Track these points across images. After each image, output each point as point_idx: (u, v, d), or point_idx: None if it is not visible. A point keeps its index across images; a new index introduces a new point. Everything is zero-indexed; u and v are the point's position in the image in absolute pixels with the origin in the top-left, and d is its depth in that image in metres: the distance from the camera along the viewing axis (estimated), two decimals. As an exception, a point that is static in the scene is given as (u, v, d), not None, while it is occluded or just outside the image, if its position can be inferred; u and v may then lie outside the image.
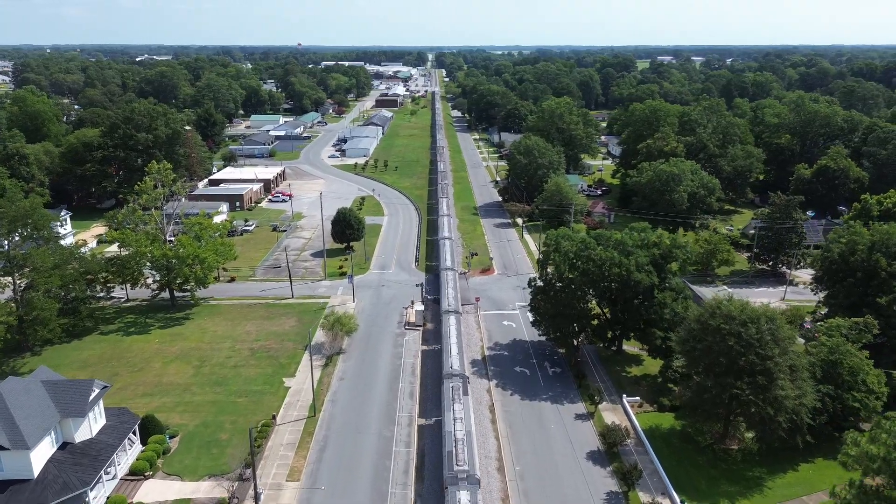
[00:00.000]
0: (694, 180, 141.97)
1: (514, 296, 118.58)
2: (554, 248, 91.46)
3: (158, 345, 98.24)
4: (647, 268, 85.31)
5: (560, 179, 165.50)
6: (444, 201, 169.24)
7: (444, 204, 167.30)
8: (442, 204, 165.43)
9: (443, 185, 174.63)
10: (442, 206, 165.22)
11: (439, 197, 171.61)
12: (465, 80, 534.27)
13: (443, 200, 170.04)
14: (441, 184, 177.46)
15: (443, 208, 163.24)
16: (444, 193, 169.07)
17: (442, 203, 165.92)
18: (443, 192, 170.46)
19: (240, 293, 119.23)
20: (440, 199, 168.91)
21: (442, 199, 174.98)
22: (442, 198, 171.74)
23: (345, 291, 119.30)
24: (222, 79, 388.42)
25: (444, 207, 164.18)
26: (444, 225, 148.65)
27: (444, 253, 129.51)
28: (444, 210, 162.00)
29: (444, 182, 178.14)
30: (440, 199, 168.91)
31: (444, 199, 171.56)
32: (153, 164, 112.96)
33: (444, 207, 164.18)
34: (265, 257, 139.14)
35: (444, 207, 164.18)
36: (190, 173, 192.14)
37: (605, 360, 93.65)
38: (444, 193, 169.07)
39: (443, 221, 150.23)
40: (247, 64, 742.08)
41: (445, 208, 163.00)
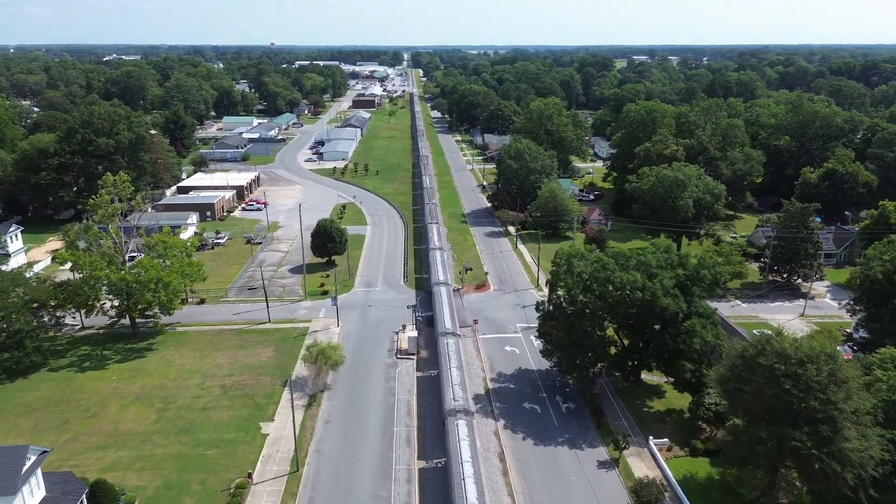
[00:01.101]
0: (699, 186, 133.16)
1: (514, 316, 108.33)
2: (565, 268, 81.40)
3: (116, 383, 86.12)
4: (674, 291, 75.66)
5: (555, 185, 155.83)
6: (431, 208, 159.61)
7: (431, 211, 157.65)
8: (429, 211, 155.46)
9: (430, 206, 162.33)
10: (429, 214, 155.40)
11: (425, 203, 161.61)
12: (443, 80, 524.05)
13: (429, 207, 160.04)
14: (428, 203, 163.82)
15: (430, 216, 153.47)
16: (430, 198, 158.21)
17: (429, 210, 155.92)
18: (429, 198, 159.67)
19: (210, 317, 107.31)
20: (426, 205, 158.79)
21: (429, 204, 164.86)
22: (429, 203, 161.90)
23: (328, 313, 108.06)
24: (192, 79, 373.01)
25: (431, 215, 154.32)
26: (433, 234, 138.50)
27: (435, 265, 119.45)
28: (431, 217, 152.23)
29: (431, 202, 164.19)
30: (426, 205, 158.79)
31: (431, 205, 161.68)
32: (108, 175, 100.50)
33: (431, 215, 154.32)
34: (239, 274, 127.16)
35: (431, 215, 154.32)
36: (156, 180, 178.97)
37: (624, 393, 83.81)
38: (430, 198, 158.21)
39: (431, 230, 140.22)
40: (218, 64, 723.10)
41: (433, 216, 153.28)
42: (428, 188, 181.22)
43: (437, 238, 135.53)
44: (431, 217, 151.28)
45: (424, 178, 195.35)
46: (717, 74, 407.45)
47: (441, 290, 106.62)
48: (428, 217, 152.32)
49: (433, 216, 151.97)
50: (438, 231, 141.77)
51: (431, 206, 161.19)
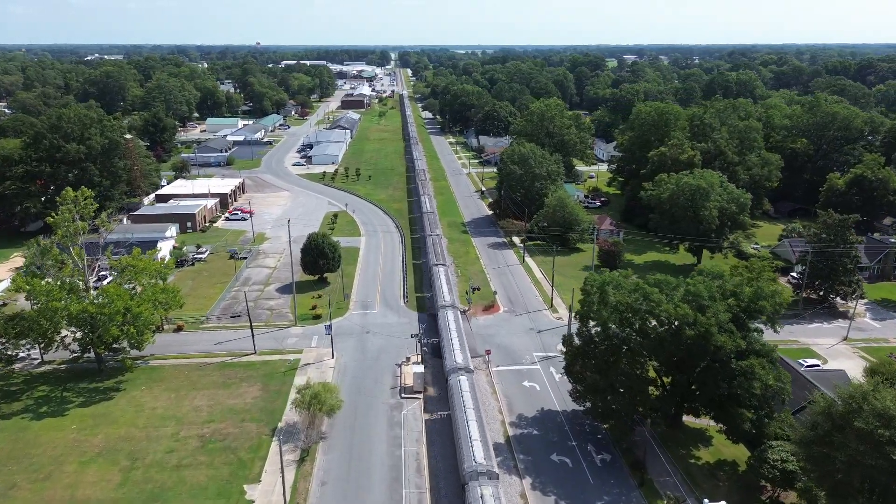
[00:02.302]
0: (722, 195, 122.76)
1: (529, 343, 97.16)
2: (598, 298, 70.40)
3: (76, 434, 74.02)
4: (729, 326, 64.84)
5: (563, 193, 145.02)
6: (426, 199, 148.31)
7: (426, 202, 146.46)
8: (427, 221, 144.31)
9: (429, 216, 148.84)
10: (428, 224, 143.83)
11: (427, 233, 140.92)
12: (434, 80, 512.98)
13: (428, 216, 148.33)
14: (428, 217, 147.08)
15: (429, 226, 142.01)
16: (432, 229, 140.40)
17: (427, 220, 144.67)
18: (431, 228, 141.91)
19: (188, 348, 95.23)
20: (424, 214, 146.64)
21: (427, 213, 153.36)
22: (428, 219, 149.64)
23: (321, 342, 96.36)
24: (174, 79, 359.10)
25: (430, 225, 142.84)
26: (433, 247, 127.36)
27: (439, 283, 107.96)
28: (430, 229, 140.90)
29: (434, 233, 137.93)
30: (424, 214, 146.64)
31: (431, 219, 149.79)
32: (68, 191, 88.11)
33: (430, 225, 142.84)
34: (221, 295, 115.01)
35: (430, 225, 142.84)
36: (132, 188, 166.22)
37: (665, 440, 72.89)
38: (432, 229, 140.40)
39: (432, 243, 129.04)
40: (203, 63, 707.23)
41: (432, 226, 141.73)
42: (429, 213, 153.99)
43: (440, 252, 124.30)
44: (431, 228, 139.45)
45: (424, 201, 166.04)
46: (715, 74, 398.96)
47: (448, 315, 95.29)
48: (427, 228, 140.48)
49: (433, 227, 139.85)
50: (440, 244, 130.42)
51: (430, 216, 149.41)
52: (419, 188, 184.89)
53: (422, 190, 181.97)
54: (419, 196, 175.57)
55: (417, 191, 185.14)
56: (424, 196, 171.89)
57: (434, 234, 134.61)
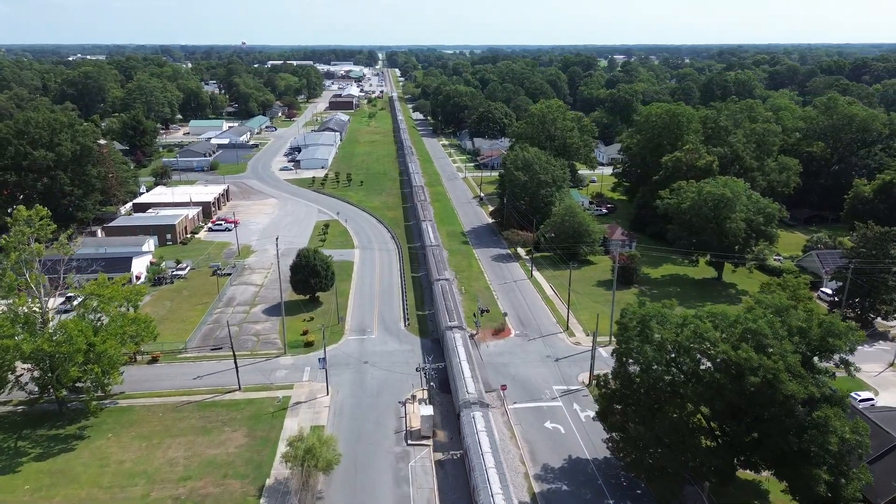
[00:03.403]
0: (748, 205, 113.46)
1: (546, 374, 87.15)
2: (637, 334, 60.57)
3: (30, 496, 63.12)
4: (799, 370, 55.14)
5: (572, 201, 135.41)
6: (428, 226, 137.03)
7: (430, 231, 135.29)
8: (433, 257, 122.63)
9: (436, 257, 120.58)
10: (428, 234, 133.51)
11: (426, 243, 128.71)
12: (424, 80, 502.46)
13: (433, 252, 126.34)
14: (434, 264, 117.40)
15: (429, 237, 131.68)
16: (438, 269, 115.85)
17: (432, 256, 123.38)
18: (437, 265, 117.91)
19: (164, 383, 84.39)
20: (428, 248, 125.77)
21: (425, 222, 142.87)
22: (425, 221, 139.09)
23: (314, 375, 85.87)
24: (156, 80, 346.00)
25: (429, 235, 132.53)
26: (433, 259, 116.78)
27: (442, 302, 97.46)
28: (431, 239, 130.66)
29: (437, 261, 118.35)
30: (428, 248, 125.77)
31: (428, 223, 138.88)
32: (20, 209, 77.03)
33: (429, 235, 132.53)
34: (202, 318, 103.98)
35: (429, 235, 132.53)
36: (107, 197, 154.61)
37: (714, 494, 63.03)
38: (438, 269, 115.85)
39: (441, 290, 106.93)
40: (187, 63, 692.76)
41: (432, 236, 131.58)
42: (433, 246, 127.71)
43: (442, 266, 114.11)
44: (439, 269, 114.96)
45: (425, 228, 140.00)
46: (713, 74, 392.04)
47: (456, 338, 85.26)
48: (434, 267, 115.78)
49: (440, 266, 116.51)
50: (440, 257, 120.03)
51: (436, 251, 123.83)
52: (418, 210, 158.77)
53: (422, 213, 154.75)
54: (419, 220, 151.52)
55: (416, 212, 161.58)
56: (426, 223, 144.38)
57: (443, 277, 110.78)
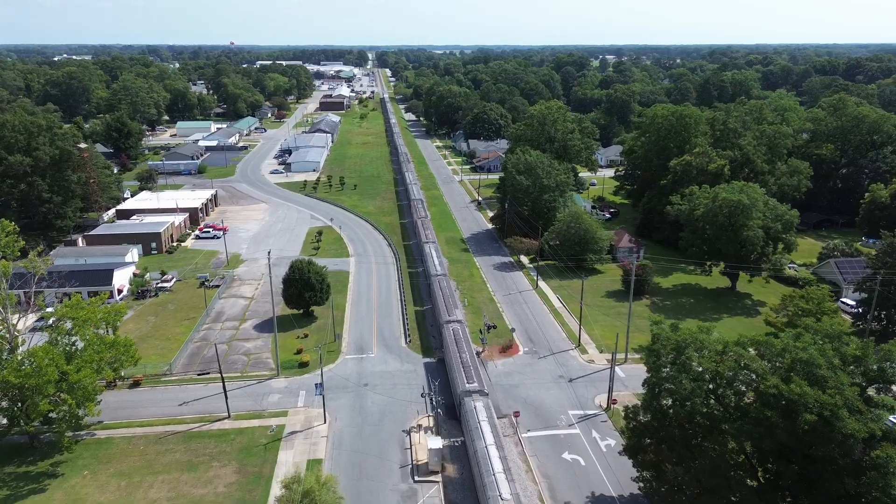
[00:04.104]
0: (765, 212, 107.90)
1: (561, 397, 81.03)
2: (672, 359, 54.63)
3: (-9, 548, 56.44)
4: (858, 405, 49.32)
5: (578, 207, 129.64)
6: (432, 250, 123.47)
7: (434, 256, 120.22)
8: (431, 256, 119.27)
9: (444, 292, 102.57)
10: (432, 260, 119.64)
11: (431, 272, 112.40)
12: (416, 81, 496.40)
13: (430, 248, 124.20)
14: (444, 304, 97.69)
15: (433, 263, 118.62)
16: (436, 265, 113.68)
17: (430, 254, 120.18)
18: (435, 264, 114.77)
19: (146, 410, 77.57)
20: (434, 279, 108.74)
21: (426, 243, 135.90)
22: (428, 244, 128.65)
23: (309, 400, 79.38)
24: (142, 80, 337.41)
25: (434, 261, 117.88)
26: (441, 294, 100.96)
27: (457, 358, 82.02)
28: (436, 266, 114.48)
29: (447, 299, 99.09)
30: (434, 279, 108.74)
31: (430, 246, 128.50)
32: (-17, 224, 70.14)
33: (434, 261, 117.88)
34: (189, 336, 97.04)
35: (434, 261, 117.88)
36: (88, 204, 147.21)
37: (756, 540, 57.17)
38: (436, 265, 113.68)
39: (439, 288, 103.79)
40: (174, 63, 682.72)
41: (437, 262, 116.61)
42: (439, 276, 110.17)
43: (445, 287, 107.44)
44: (449, 309, 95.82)
45: (428, 252, 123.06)
46: (709, 74, 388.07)
47: (461, 360, 78.79)
48: (443, 308, 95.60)
49: (450, 306, 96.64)
50: (449, 290, 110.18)
51: (443, 283, 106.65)
52: (418, 229, 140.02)
53: (423, 232, 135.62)
54: (419, 241, 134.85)
55: (415, 229, 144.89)
56: (429, 245, 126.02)
57: (454, 318, 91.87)
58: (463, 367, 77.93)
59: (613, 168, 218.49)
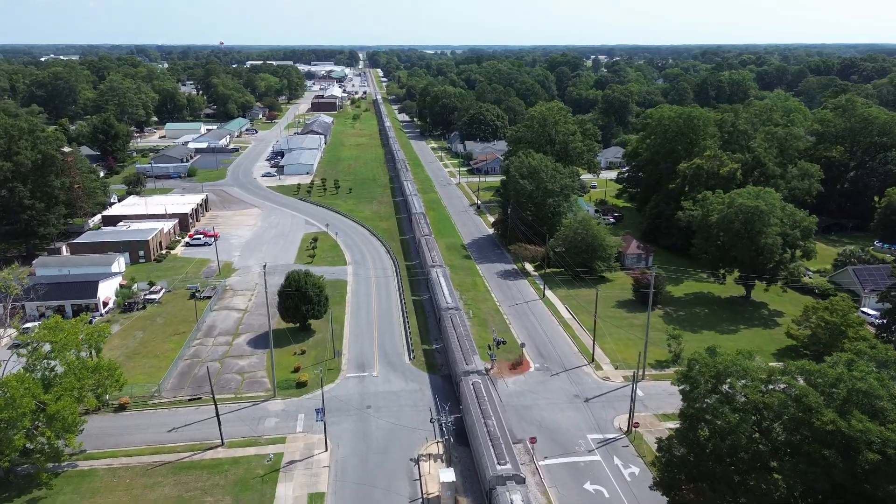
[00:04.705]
0: (783, 218, 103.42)
1: (577, 419, 76.03)
2: (712, 390, 49.76)
3: None
4: (923, 443, 44.58)
5: (586, 214, 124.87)
6: (440, 276, 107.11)
7: (442, 283, 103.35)
8: (439, 283, 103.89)
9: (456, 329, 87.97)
10: (440, 289, 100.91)
11: (441, 305, 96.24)
12: (409, 81, 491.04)
13: (437, 274, 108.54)
14: (457, 348, 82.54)
15: (443, 294, 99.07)
16: (447, 298, 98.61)
17: (438, 281, 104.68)
18: (446, 295, 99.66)
19: (133, 437, 71.92)
20: (446, 313, 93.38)
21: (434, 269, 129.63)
22: (435, 268, 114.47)
23: (308, 424, 74.04)
24: (130, 80, 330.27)
25: (443, 290, 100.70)
26: (454, 333, 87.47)
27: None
28: (446, 297, 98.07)
29: (461, 344, 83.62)
30: (446, 313, 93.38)
31: (437, 269, 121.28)
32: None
33: (443, 290, 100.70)
34: (179, 352, 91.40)
35: (443, 290, 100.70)
36: (73, 210, 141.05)
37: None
38: (447, 298, 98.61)
39: (451, 324, 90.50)
40: (163, 63, 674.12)
41: (447, 293, 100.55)
42: (449, 308, 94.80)
43: (449, 294, 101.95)
44: (465, 359, 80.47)
45: (435, 279, 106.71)
46: (706, 74, 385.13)
47: (472, 385, 73.63)
48: (456, 354, 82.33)
49: (467, 353, 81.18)
50: (446, 284, 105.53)
51: (454, 319, 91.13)
52: (423, 249, 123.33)
53: (428, 254, 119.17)
54: (424, 263, 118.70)
55: (420, 250, 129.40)
56: (437, 270, 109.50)
57: (474, 368, 77.03)
58: (492, 442, 62.64)
59: (613, 170, 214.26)
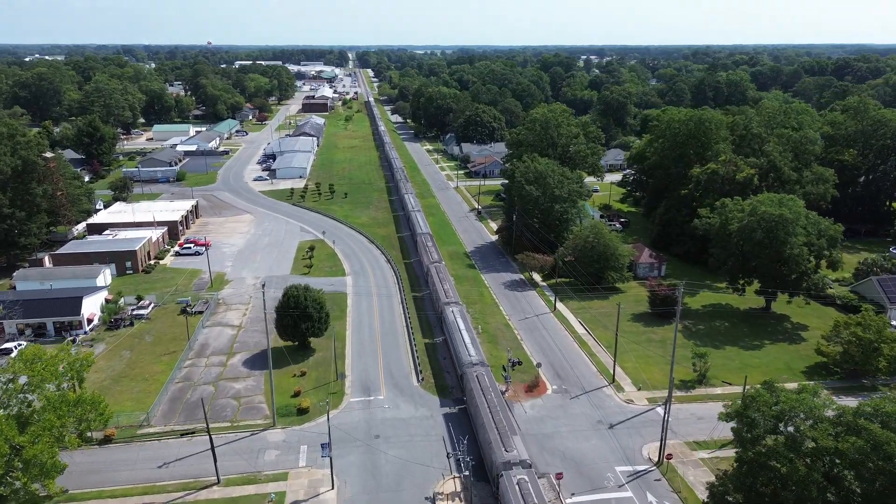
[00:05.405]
0: (808, 227, 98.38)
1: (603, 448, 70.37)
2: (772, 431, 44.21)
3: None
4: None
5: (598, 221, 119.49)
6: (455, 313, 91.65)
7: (459, 326, 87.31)
8: (454, 322, 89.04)
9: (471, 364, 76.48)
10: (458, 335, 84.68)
11: (445, 308, 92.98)
12: (401, 82, 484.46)
13: (453, 312, 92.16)
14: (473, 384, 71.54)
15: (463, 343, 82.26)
16: (464, 335, 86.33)
17: (454, 320, 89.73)
18: (463, 334, 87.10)
19: (119, 475, 65.53)
20: (448, 307, 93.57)
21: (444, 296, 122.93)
22: (451, 305, 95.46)
23: (311, 458, 68.00)
24: (116, 81, 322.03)
25: (463, 337, 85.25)
26: (458, 330, 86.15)
27: (483, 407, 69.05)
28: (466, 347, 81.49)
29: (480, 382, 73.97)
30: (448, 307, 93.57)
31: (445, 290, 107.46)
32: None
33: (463, 337, 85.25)
34: (169, 376, 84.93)
35: (463, 337, 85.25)
36: (55, 218, 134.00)
37: None
38: (464, 335, 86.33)
39: (453, 317, 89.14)
40: (150, 64, 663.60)
41: (466, 338, 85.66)
42: (473, 363, 78.62)
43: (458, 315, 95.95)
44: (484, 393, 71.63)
45: (451, 318, 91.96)
46: (703, 75, 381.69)
47: (492, 413, 67.75)
48: (439, 292, 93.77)
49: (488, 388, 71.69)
50: (490, 384, 74.40)
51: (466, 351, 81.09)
52: (434, 279, 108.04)
53: (441, 286, 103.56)
54: (438, 301, 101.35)
55: (426, 274, 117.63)
56: (452, 309, 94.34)
57: (515, 460, 60.56)
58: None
59: (614, 173, 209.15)
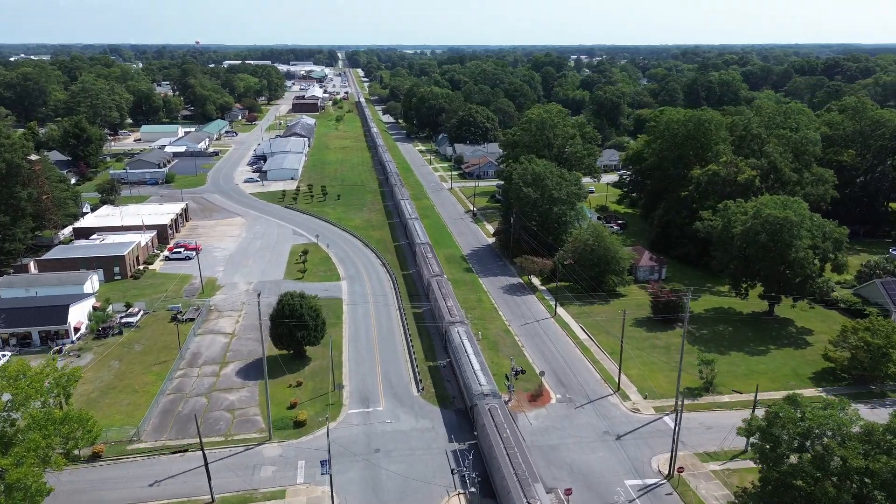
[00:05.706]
0: (813, 230, 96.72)
1: (611, 460, 68.15)
2: (798, 448, 42.12)
3: None
4: None
5: (599, 224, 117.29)
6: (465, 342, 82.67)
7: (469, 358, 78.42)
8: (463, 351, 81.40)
9: None
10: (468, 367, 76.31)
11: (452, 330, 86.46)
12: (392, 81, 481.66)
13: (458, 333, 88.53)
14: None
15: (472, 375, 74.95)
16: (472, 359, 79.86)
17: (460, 341, 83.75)
18: (453, 312, 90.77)
19: (107, 495, 62.60)
20: (454, 326, 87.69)
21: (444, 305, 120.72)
22: (456, 325, 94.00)
23: (309, 471, 65.37)
24: (103, 81, 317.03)
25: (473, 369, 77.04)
26: (465, 352, 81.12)
27: (499, 445, 62.89)
28: (478, 380, 74.22)
29: None
30: (454, 326, 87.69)
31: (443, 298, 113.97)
32: None
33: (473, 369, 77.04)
34: (160, 387, 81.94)
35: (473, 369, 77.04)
36: (41, 223, 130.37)
37: None
38: (472, 359, 79.86)
39: (459, 338, 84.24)
40: (137, 63, 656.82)
41: (476, 367, 78.46)
42: (485, 393, 71.84)
43: (456, 312, 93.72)
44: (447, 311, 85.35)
45: (457, 339, 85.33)
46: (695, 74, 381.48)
47: (495, 423, 65.46)
48: (438, 297, 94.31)
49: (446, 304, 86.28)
50: (504, 418, 67.33)
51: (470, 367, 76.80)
52: (439, 300, 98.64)
53: (446, 306, 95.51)
54: (443, 322, 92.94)
55: (426, 289, 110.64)
56: (457, 330, 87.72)
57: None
58: None
59: (608, 174, 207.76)
